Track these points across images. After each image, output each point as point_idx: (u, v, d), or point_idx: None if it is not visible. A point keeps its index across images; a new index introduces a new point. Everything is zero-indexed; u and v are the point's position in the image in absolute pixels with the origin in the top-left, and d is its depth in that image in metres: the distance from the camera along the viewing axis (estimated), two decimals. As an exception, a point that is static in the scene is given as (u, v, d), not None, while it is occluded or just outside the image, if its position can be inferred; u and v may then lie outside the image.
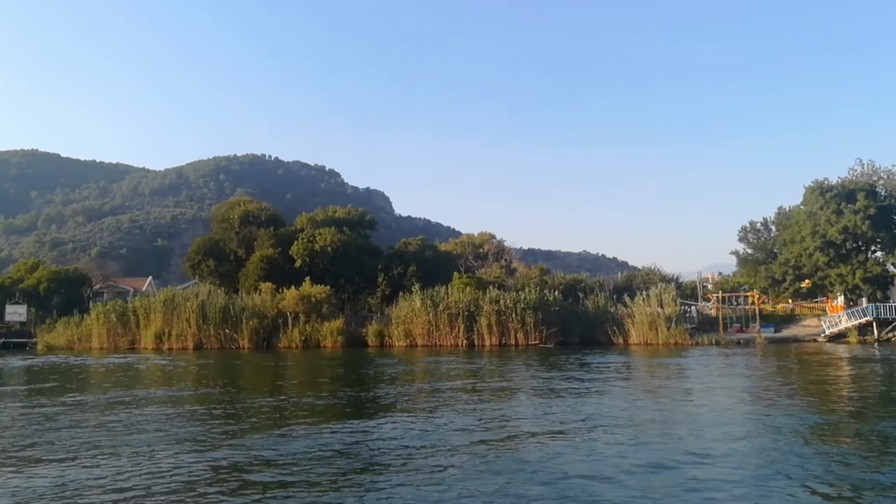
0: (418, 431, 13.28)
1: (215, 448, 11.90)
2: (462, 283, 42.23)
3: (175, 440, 12.61)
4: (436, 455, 11.00)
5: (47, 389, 22.52)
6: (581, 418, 14.47)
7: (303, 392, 21.65)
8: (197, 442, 12.52)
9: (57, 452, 11.59)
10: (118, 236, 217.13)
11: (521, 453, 11.16)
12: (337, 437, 12.78)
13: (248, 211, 56.07)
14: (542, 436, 12.72)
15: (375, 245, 55.11)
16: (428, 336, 40.33)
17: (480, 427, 13.77)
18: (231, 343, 44.25)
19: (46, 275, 57.11)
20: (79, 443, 12.41)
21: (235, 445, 12.15)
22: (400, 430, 13.46)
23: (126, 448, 11.82)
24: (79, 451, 11.66)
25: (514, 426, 14.01)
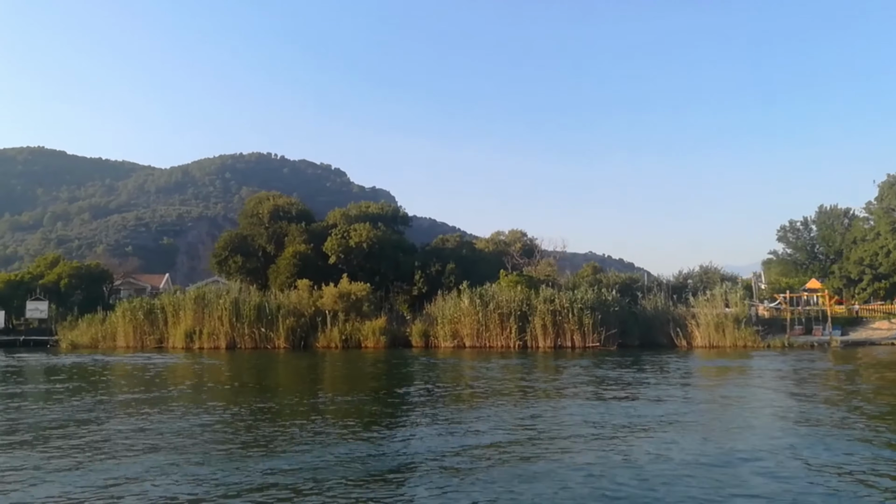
0: (481, 436, 12.15)
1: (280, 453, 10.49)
2: (511, 281, 40.14)
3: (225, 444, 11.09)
4: (509, 462, 10.17)
5: (97, 388, 20.50)
6: (676, 436, 12.29)
7: (357, 392, 19.98)
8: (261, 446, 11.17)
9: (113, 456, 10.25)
10: (124, 234, 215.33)
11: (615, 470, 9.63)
12: (388, 442, 11.78)
13: (277, 206, 54.06)
14: (626, 440, 11.16)
15: (410, 242, 53.07)
16: (477, 337, 38.25)
17: (558, 433, 12.24)
18: (266, 342, 42.22)
19: (67, 270, 55.06)
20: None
21: (298, 451, 10.91)
22: (456, 434, 12.41)
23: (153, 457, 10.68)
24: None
25: (596, 431, 12.50)
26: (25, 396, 19.38)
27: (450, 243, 52.21)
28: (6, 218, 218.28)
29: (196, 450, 11.18)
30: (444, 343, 39.10)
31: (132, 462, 10.25)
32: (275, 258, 53.00)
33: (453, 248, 51.15)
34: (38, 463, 10.27)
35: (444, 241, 53.29)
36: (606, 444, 11.49)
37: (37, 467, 9.98)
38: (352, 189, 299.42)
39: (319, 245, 51.20)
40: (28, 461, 10.40)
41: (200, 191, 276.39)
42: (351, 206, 53.87)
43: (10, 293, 54.46)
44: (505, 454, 10.78)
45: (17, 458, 10.61)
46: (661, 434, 12.35)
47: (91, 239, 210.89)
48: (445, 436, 12.34)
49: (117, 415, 15.54)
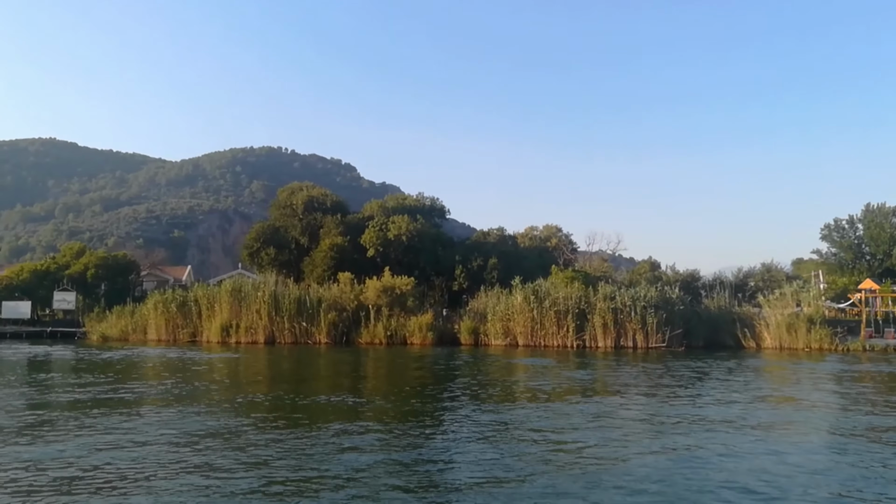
0: (551, 444, 11.25)
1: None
2: (567, 277, 38.24)
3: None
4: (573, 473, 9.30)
5: (146, 386, 18.78)
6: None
7: (412, 392, 18.68)
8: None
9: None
10: (135, 226, 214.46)
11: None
12: (441, 446, 11.11)
13: (312, 197, 52.32)
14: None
15: (449, 235, 51.23)
16: (531, 335, 36.39)
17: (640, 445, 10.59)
18: (306, 337, 40.50)
19: (94, 261, 53.40)
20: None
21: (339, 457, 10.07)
22: (521, 443, 11.52)
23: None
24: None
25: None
26: (104, 403, 17.66)
27: (491, 237, 50.32)
28: (18, 209, 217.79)
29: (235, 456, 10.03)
30: (494, 341, 37.28)
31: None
32: (308, 251, 51.32)
33: (495, 242, 49.30)
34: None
35: (484, 235, 51.43)
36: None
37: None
38: (362, 184, 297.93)
39: (355, 237, 49.48)
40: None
41: (211, 184, 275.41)
42: (388, 198, 52.10)
43: (35, 283, 52.90)
44: (583, 462, 9.78)
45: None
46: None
47: (102, 231, 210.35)
48: (504, 441, 11.48)
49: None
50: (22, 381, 21.03)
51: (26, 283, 52.84)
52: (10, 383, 20.13)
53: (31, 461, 9.82)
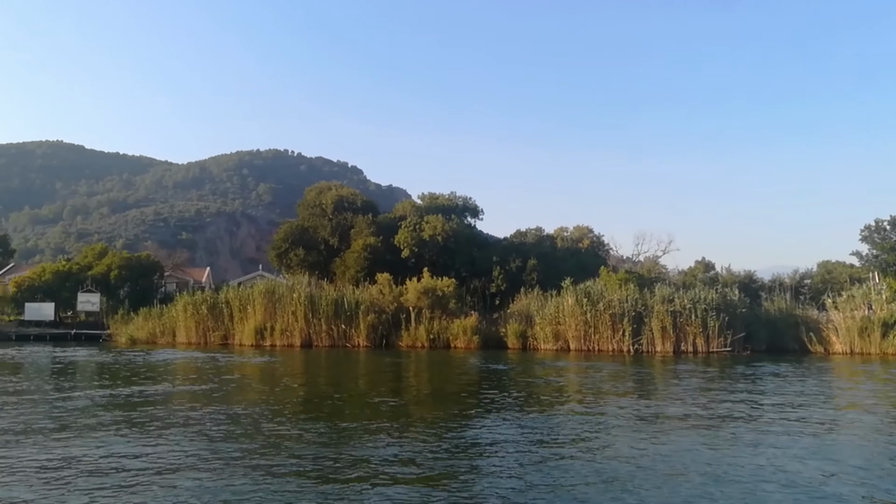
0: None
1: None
2: (619, 278, 36.66)
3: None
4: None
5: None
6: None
7: (471, 401, 17.02)
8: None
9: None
10: (143, 228, 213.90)
11: None
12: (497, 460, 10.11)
13: (341, 196, 50.86)
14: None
15: (485, 235, 49.69)
16: (583, 339, 34.77)
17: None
18: (344, 340, 38.98)
19: (117, 261, 52.00)
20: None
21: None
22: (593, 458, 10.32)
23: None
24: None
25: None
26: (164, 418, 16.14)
27: (528, 238, 48.75)
28: (26, 211, 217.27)
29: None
30: (544, 345, 35.68)
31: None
32: (338, 251, 49.87)
33: (533, 242, 47.70)
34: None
35: (521, 235, 49.84)
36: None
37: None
38: (368, 187, 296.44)
39: (387, 238, 47.99)
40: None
41: (218, 186, 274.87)
42: (421, 197, 50.46)
43: (58, 285, 51.50)
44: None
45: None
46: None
47: (110, 233, 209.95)
48: (579, 460, 10.07)
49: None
50: (71, 385, 19.54)
51: (48, 285, 51.46)
52: (63, 388, 18.63)
53: (89, 462, 9.66)
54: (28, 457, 9.98)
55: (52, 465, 9.47)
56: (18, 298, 51.14)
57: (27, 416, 13.50)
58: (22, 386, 19.38)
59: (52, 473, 9.02)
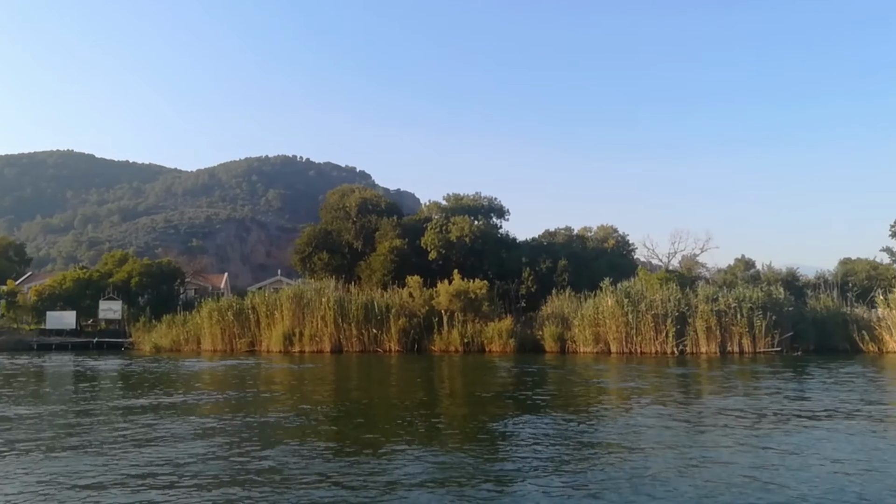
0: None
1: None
2: (659, 278, 35.56)
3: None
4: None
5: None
6: None
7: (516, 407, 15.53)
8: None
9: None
10: (153, 236, 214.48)
11: None
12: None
13: (365, 199, 49.98)
14: None
15: (513, 236, 48.71)
16: (625, 341, 33.68)
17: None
18: (375, 345, 38.07)
19: (138, 268, 51.32)
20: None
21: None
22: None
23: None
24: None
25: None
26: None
27: (558, 237, 47.67)
28: (38, 220, 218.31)
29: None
30: (583, 348, 34.60)
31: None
32: (362, 255, 48.97)
33: (563, 242, 46.62)
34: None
35: (551, 235, 48.76)
36: None
37: None
38: (377, 191, 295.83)
39: (413, 240, 47.05)
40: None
41: (227, 193, 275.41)
42: (446, 197, 49.50)
43: (78, 292, 50.87)
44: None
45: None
46: None
47: (121, 241, 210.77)
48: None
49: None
50: (108, 394, 18.68)
51: (69, 293, 50.83)
52: (97, 395, 17.77)
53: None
54: (96, 469, 9.09)
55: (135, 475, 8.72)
56: (39, 307, 50.55)
57: (92, 432, 12.62)
58: (68, 397, 18.55)
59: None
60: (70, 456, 10.28)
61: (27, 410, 15.43)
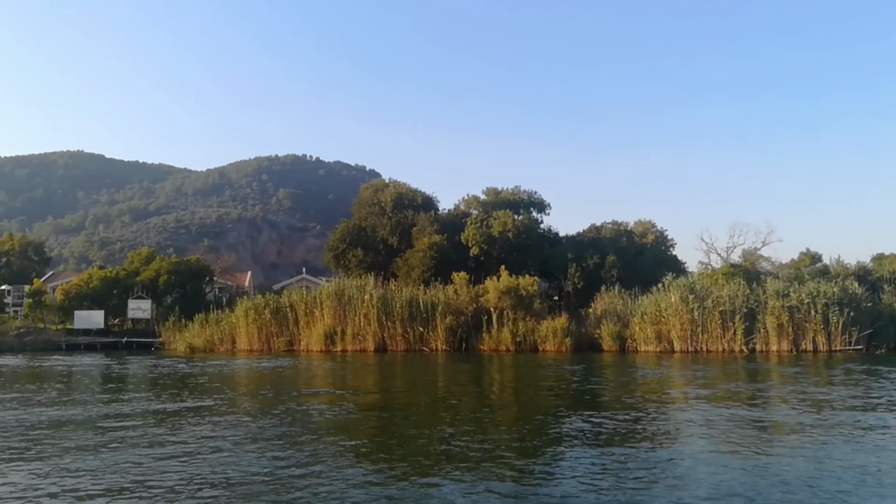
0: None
1: None
2: (723, 273, 33.84)
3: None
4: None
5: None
6: None
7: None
8: None
9: None
10: (164, 236, 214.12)
11: None
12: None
13: (401, 193, 48.39)
14: None
15: (555, 231, 47.04)
16: (690, 339, 31.98)
17: None
18: (420, 344, 36.54)
19: (166, 266, 49.93)
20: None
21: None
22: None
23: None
24: None
25: None
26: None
27: (604, 232, 45.94)
28: (49, 221, 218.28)
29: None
30: (644, 346, 32.94)
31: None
32: (398, 251, 47.43)
33: (611, 237, 44.89)
34: None
35: (597, 229, 47.01)
36: None
37: None
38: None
39: (451, 236, 45.46)
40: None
41: (238, 193, 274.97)
42: (486, 191, 47.82)
43: (105, 291, 49.54)
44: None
45: None
46: None
47: (133, 241, 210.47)
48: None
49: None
50: (157, 395, 17.18)
51: (96, 292, 49.51)
52: (147, 396, 16.25)
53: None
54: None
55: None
56: (66, 306, 49.26)
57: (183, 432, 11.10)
58: (140, 400, 17.06)
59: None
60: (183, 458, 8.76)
61: (113, 410, 13.94)
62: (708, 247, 44.79)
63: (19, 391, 19.34)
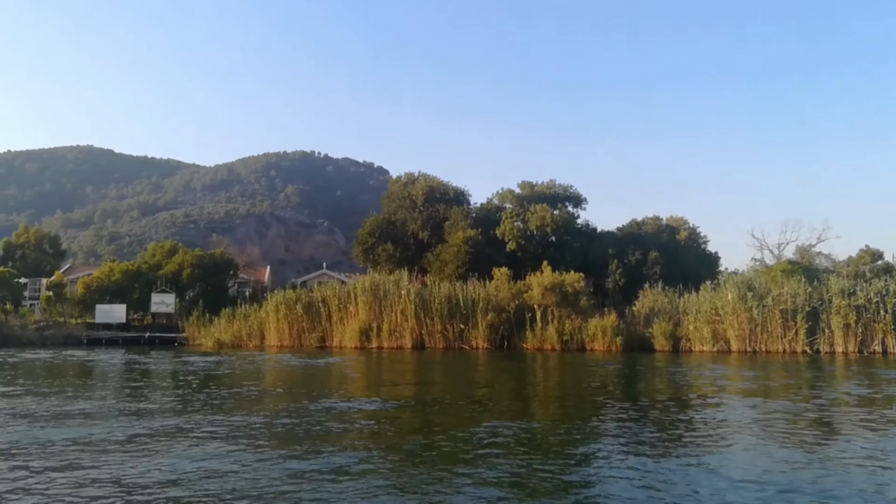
0: None
1: None
2: (781, 269, 32.29)
3: None
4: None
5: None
6: None
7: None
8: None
9: None
10: (173, 230, 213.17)
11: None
12: None
13: (432, 187, 46.95)
14: None
15: (593, 226, 45.51)
16: (749, 339, 30.45)
17: None
18: (460, 341, 35.12)
19: (190, 259, 48.61)
20: None
21: None
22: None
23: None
24: None
25: None
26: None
27: (647, 227, 44.40)
28: (58, 215, 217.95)
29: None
30: (700, 346, 31.42)
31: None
32: (428, 246, 46.02)
33: (653, 232, 43.36)
34: None
35: (638, 224, 45.47)
36: None
37: None
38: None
39: (486, 231, 44.02)
40: None
41: (246, 188, 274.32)
42: (521, 184, 46.29)
43: (127, 285, 48.26)
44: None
45: None
46: None
47: (141, 236, 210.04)
48: None
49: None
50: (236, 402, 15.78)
51: (118, 285, 48.24)
52: (213, 403, 14.85)
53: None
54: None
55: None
56: (87, 300, 48.01)
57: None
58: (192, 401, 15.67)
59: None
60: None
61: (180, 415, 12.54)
62: (760, 243, 43.16)
63: (78, 390, 17.97)
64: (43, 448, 9.59)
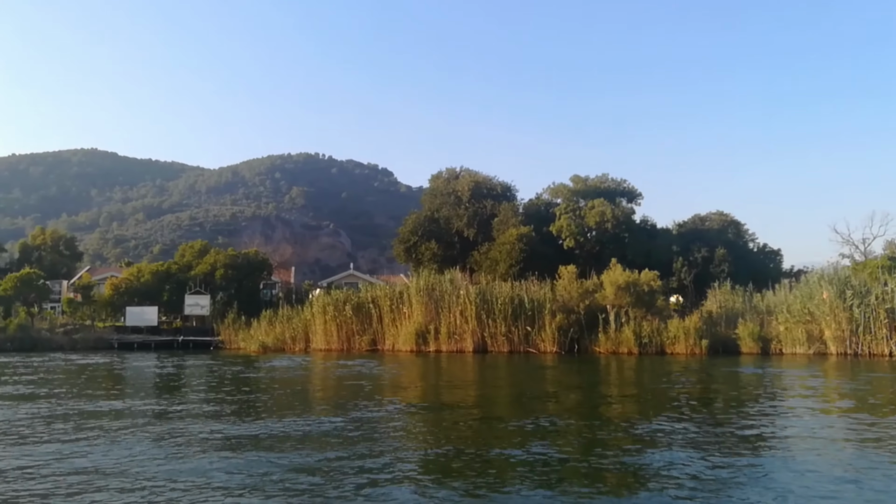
0: None
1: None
2: (878, 265, 30.05)
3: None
4: None
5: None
6: None
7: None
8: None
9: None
10: (178, 233, 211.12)
11: None
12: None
13: (478, 182, 44.68)
14: None
15: (652, 222, 43.25)
16: (849, 340, 28.17)
17: None
18: (526, 345, 32.81)
19: (222, 260, 46.31)
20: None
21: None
22: None
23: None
24: None
25: None
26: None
27: (711, 223, 42.14)
28: (63, 218, 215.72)
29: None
30: (793, 349, 29.14)
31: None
32: (474, 244, 43.75)
33: (718, 228, 41.10)
34: None
35: (701, 220, 43.22)
36: None
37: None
38: (399, 189, 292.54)
39: (537, 227, 41.74)
40: None
41: (251, 191, 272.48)
42: (573, 178, 43.96)
43: (157, 286, 45.98)
44: None
45: None
46: None
47: (147, 239, 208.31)
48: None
49: None
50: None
51: (147, 286, 45.96)
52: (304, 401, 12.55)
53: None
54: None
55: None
56: (115, 302, 45.71)
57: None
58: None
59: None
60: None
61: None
62: (844, 238, 40.70)
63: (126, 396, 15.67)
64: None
